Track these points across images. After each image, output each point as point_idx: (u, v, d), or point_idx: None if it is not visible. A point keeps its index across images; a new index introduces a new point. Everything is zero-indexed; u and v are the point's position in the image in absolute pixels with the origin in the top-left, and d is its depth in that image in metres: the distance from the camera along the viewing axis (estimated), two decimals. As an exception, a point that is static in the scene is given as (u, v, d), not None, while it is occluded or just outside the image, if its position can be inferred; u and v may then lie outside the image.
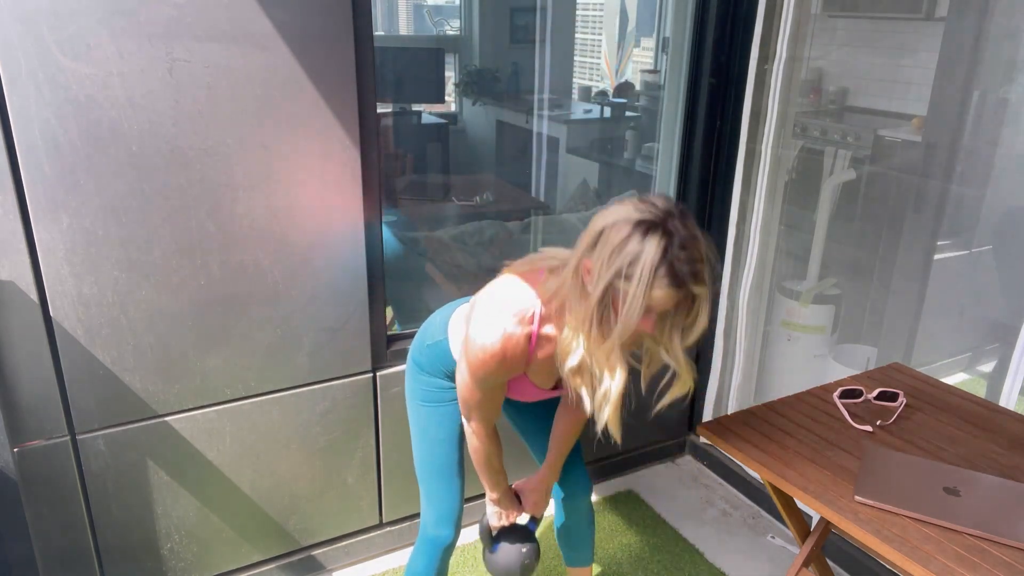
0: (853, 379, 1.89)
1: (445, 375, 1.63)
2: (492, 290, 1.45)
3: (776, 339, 2.82)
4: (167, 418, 1.91)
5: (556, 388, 1.57)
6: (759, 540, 2.52)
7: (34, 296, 1.67)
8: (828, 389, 1.81)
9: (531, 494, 1.75)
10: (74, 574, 1.91)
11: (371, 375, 2.15)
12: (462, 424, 1.67)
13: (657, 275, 1.19)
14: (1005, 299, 2.46)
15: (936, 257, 2.50)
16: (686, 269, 1.19)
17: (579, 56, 4.14)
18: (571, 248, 1.36)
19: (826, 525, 1.75)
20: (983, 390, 2.46)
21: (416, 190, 3.28)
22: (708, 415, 2.86)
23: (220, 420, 1.97)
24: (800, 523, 1.81)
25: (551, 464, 1.74)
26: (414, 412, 1.71)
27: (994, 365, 2.50)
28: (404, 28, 3.59)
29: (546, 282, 1.39)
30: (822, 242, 2.69)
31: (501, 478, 1.68)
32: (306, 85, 1.80)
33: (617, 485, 2.78)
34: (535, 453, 1.84)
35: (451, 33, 3.61)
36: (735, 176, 2.57)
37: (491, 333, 1.38)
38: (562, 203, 3.58)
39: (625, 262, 1.20)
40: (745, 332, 2.71)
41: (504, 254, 1.60)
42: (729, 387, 2.82)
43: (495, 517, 1.74)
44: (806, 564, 1.76)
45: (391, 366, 2.18)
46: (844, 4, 2.69)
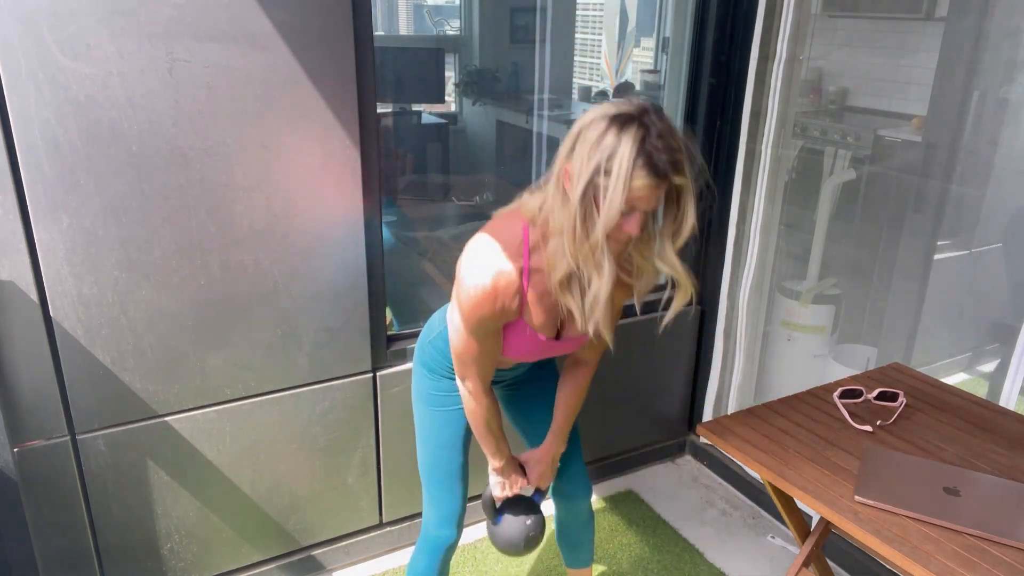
0: (853, 379, 1.89)
1: (450, 373, 1.61)
2: (478, 234, 1.44)
3: (776, 339, 2.82)
4: (167, 418, 1.91)
5: (559, 340, 1.50)
6: (759, 540, 2.52)
7: (34, 296, 1.67)
8: (828, 389, 1.81)
9: (536, 465, 1.70)
10: (74, 574, 1.91)
11: (371, 375, 2.15)
12: (467, 428, 1.66)
13: (636, 166, 1.19)
14: (1015, 299, 2.46)
15: (936, 257, 2.50)
16: (664, 158, 1.20)
17: (579, 56, 4.14)
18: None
19: (826, 525, 1.75)
20: (983, 390, 2.46)
21: (416, 190, 3.28)
22: (708, 415, 2.86)
23: (220, 420, 1.97)
24: (800, 523, 1.81)
25: (557, 431, 1.69)
26: (419, 414, 1.70)
27: (995, 365, 2.50)
28: (404, 28, 3.59)
29: (528, 201, 1.38)
30: (822, 242, 2.69)
31: (502, 443, 1.63)
32: (306, 85, 1.80)
33: (617, 485, 2.78)
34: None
35: (451, 33, 3.61)
36: (735, 176, 2.57)
37: (481, 271, 1.36)
38: (562, 203, 3.56)
39: (603, 156, 1.20)
40: (745, 332, 2.71)
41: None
42: (729, 387, 2.82)
43: (498, 487, 1.69)
44: (806, 564, 1.76)
45: (391, 366, 2.18)
46: (844, 4, 2.69)
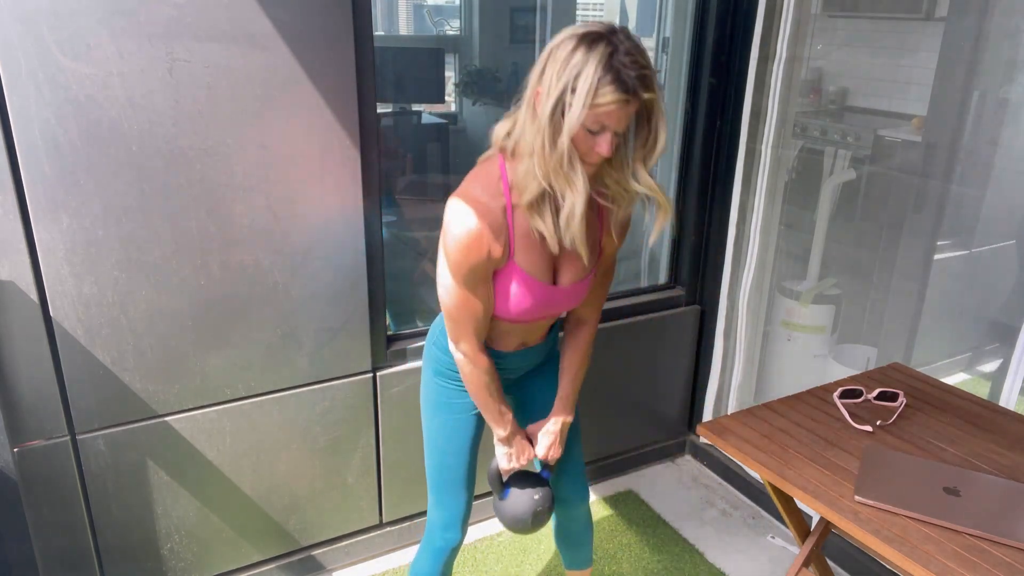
0: (853, 379, 1.89)
1: (454, 374, 1.59)
2: (462, 183, 1.45)
3: (776, 339, 2.82)
4: (167, 418, 1.91)
5: (557, 286, 1.48)
6: (759, 540, 2.52)
7: (34, 296, 1.67)
8: (828, 389, 1.81)
9: (544, 436, 1.65)
10: (74, 574, 1.91)
11: (371, 375, 2.15)
12: (474, 434, 1.65)
13: (604, 82, 1.21)
14: (1015, 299, 2.45)
15: (936, 257, 2.50)
16: (632, 74, 1.22)
17: (579, 56, 4.12)
18: None
19: (826, 525, 1.75)
20: (984, 390, 2.45)
21: (416, 190, 3.28)
22: (708, 415, 2.87)
23: (220, 420, 1.97)
24: (800, 523, 1.81)
25: (564, 399, 1.65)
26: (426, 418, 1.68)
27: (995, 365, 2.50)
28: (404, 28, 3.59)
29: (499, 129, 1.39)
30: (822, 242, 2.69)
31: (505, 408, 1.58)
32: (306, 85, 1.80)
33: (617, 485, 2.78)
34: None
35: (451, 33, 3.61)
36: (735, 176, 2.57)
37: (464, 215, 1.36)
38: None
39: (572, 75, 1.22)
40: (745, 332, 2.71)
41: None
42: (729, 387, 2.82)
43: (505, 459, 1.62)
44: (806, 564, 1.76)
45: (391, 366, 2.18)
46: (844, 4, 2.69)
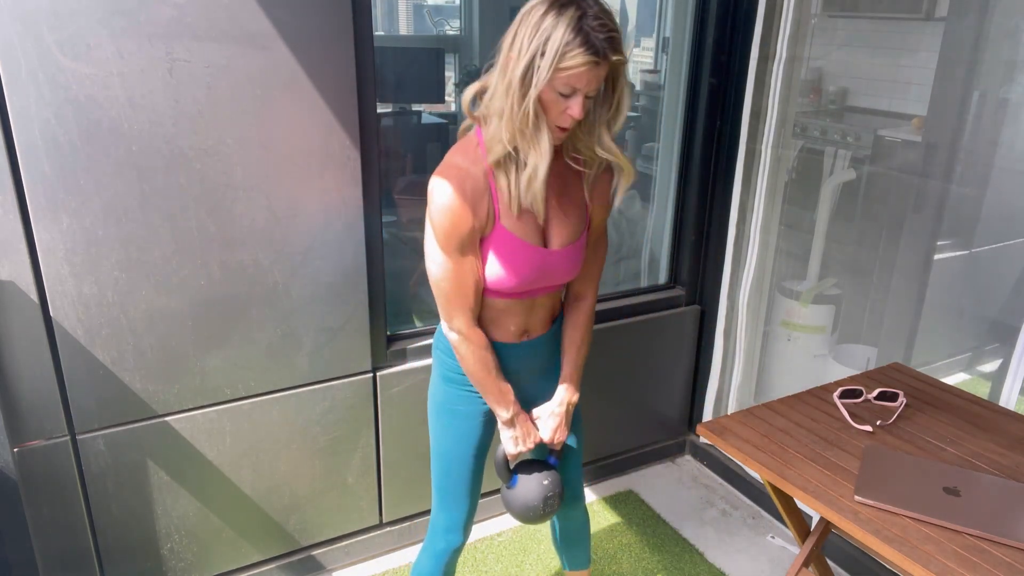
0: (853, 379, 1.89)
1: (459, 376, 1.58)
2: None
3: (776, 339, 2.82)
4: (167, 418, 1.91)
5: (548, 247, 1.48)
6: (759, 540, 2.52)
7: (34, 296, 1.67)
8: (828, 389, 1.81)
9: (550, 419, 1.61)
10: (74, 574, 1.91)
11: (371, 375, 2.15)
12: (480, 441, 1.64)
13: (573, 44, 1.24)
14: (1014, 299, 2.45)
15: (936, 257, 2.50)
16: (601, 37, 1.26)
17: (579, 56, 4.12)
18: None
19: (826, 525, 1.75)
20: (984, 390, 2.45)
21: (416, 190, 3.27)
22: (708, 415, 2.87)
23: (220, 420, 1.97)
24: (800, 523, 1.81)
25: (567, 378, 1.62)
26: (432, 422, 1.67)
27: (995, 365, 2.49)
28: (404, 28, 3.58)
29: (466, 91, 1.41)
30: (822, 242, 2.69)
31: (506, 387, 1.55)
32: (306, 85, 1.80)
33: (617, 485, 2.78)
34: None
35: (451, 33, 3.60)
36: (735, 176, 2.57)
37: (445, 180, 1.38)
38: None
39: (543, 39, 1.25)
40: (745, 332, 2.71)
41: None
42: (729, 387, 2.82)
43: (511, 443, 1.57)
44: (806, 564, 1.76)
45: (391, 366, 2.18)
46: (844, 4, 2.69)
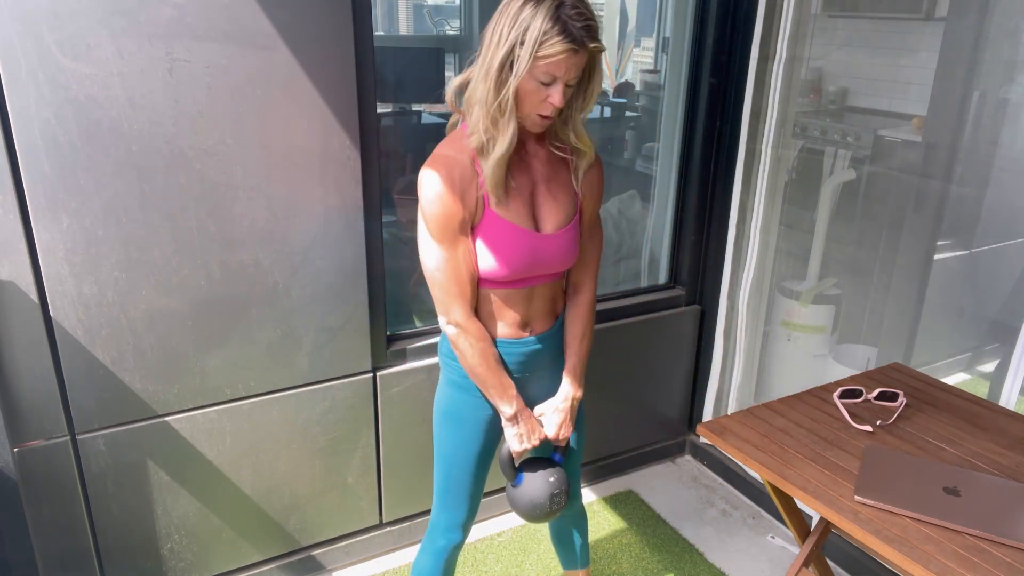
0: (853, 379, 1.89)
1: (463, 379, 1.58)
2: None
3: (776, 339, 2.82)
4: (167, 418, 1.91)
5: (540, 232, 1.49)
6: (759, 540, 2.52)
7: (34, 296, 1.67)
8: (828, 389, 1.81)
9: (554, 415, 1.59)
10: (74, 574, 1.91)
11: (371, 375, 2.15)
12: (483, 448, 1.63)
13: (551, 34, 1.28)
14: (1014, 299, 2.45)
15: (936, 257, 2.50)
16: (579, 25, 1.29)
17: (579, 56, 4.11)
18: None
19: (826, 525, 1.75)
20: (984, 390, 2.45)
21: (416, 190, 3.27)
22: (708, 415, 2.87)
23: (220, 420, 1.97)
24: (800, 523, 1.81)
25: (571, 371, 1.60)
26: (437, 426, 1.65)
27: (995, 365, 2.49)
28: (404, 28, 3.58)
29: (455, 80, 1.44)
30: (822, 242, 2.69)
31: (508, 383, 1.53)
32: (306, 85, 1.80)
33: (617, 485, 2.78)
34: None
35: (451, 33, 3.60)
36: (735, 176, 2.57)
37: (433, 169, 1.42)
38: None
39: (522, 29, 1.29)
40: (745, 332, 2.71)
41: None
42: (729, 387, 2.82)
43: (516, 440, 1.55)
44: (806, 564, 1.76)
45: (391, 366, 2.18)
46: (844, 4, 2.69)
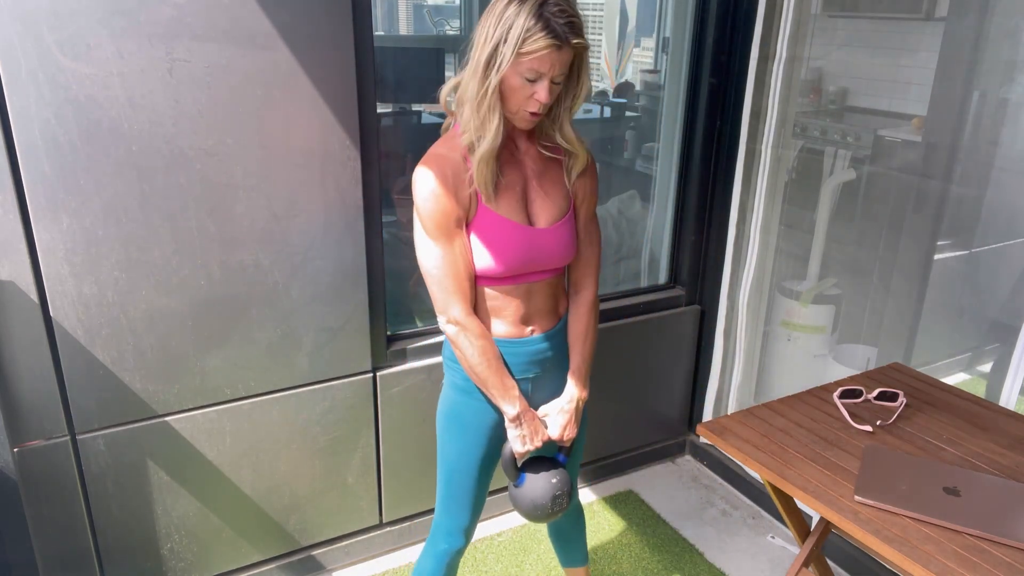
0: (853, 379, 1.89)
1: (465, 382, 1.57)
2: None
3: (776, 339, 2.82)
4: (167, 418, 1.91)
5: (534, 227, 1.49)
6: (759, 540, 2.52)
7: (34, 296, 1.67)
8: (828, 389, 1.81)
9: (559, 416, 1.58)
10: (74, 574, 1.91)
11: (371, 375, 2.15)
12: (486, 455, 1.62)
13: (534, 30, 1.30)
14: (1014, 299, 2.45)
15: (936, 257, 2.50)
16: (561, 22, 1.31)
17: (579, 56, 4.11)
18: None
19: (826, 525, 1.75)
20: (983, 390, 2.45)
21: (416, 190, 3.27)
22: (708, 415, 2.87)
23: (220, 420, 1.97)
24: (800, 523, 1.81)
25: (575, 372, 1.60)
26: (440, 429, 1.65)
27: (995, 365, 2.49)
28: (404, 28, 3.58)
29: (449, 82, 1.46)
30: (822, 242, 2.69)
31: (510, 383, 1.52)
32: (306, 85, 1.80)
33: (617, 485, 2.78)
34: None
35: (451, 33, 3.60)
36: (735, 176, 2.57)
37: (425, 167, 1.43)
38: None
39: (506, 27, 1.31)
40: (745, 332, 2.71)
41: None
42: (729, 387, 2.82)
43: (519, 441, 1.54)
44: (806, 564, 1.76)
45: (391, 366, 2.18)
46: (844, 4, 2.69)
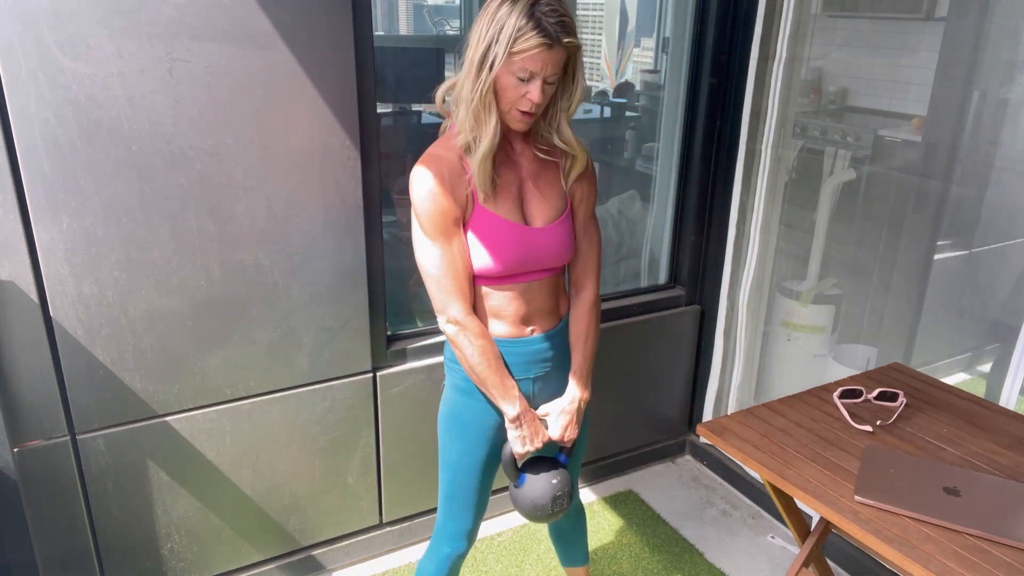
0: (853, 379, 1.89)
1: (466, 383, 1.57)
2: None
3: (776, 339, 2.82)
4: (167, 418, 1.91)
5: (530, 226, 1.50)
6: (759, 540, 2.52)
7: (34, 296, 1.67)
8: (828, 389, 1.81)
9: (560, 416, 1.57)
10: (74, 574, 1.91)
11: (371, 375, 2.15)
12: (487, 457, 1.62)
13: (525, 30, 1.31)
14: (1014, 298, 2.45)
15: (936, 257, 2.50)
16: (552, 21, 1.33)
17: (579, 56, 4.11)
18: None
19: (826, 525, 1.75)
20: (983, 390, 2.45)
21: (416, 190, 3.26)
22: (708, 415, 2.87)
23: (220, 420, 1.97)
24: (800, 523, 1.81)
25: (577, 372, 1.60)
26: (441, 431, 1.65)
27: (994, 365, 2.49)
28: (404, 28, 3.58)
29: (444, 85, 1.48)
30: (822, 242, 2.69)
31: (511, 383, 1.52)
32: (306, 85, 1.80)
33: (617, 485, 2.78)
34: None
35: (451, 33, 3.60)
36: (735, 176, 2.57)
37: (422, 167, 1.45)
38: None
39: (498, 27, 1.33)
40: (745, 332, 2.71)
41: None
42: (729, 387, 2.82)
43: (519, 442, 1.53)
44: (806, 564, 1.76)
45: (391, 366, 2.18)
46: (844, 4, 2.69)
